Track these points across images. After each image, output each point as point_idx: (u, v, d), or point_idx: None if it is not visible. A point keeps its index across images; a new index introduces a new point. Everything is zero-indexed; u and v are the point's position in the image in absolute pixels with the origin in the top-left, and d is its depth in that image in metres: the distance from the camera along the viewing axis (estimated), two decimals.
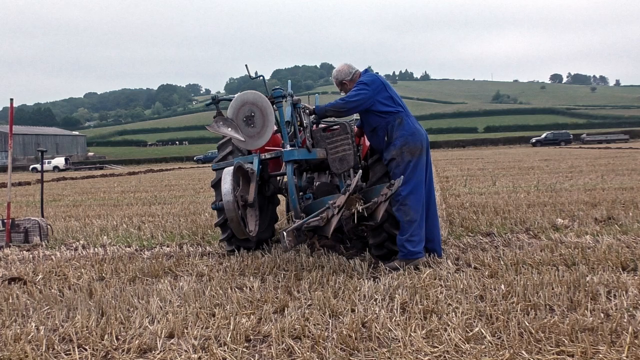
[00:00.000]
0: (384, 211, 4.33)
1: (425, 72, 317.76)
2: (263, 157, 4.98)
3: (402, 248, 4.53)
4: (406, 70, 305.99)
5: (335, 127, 5.00)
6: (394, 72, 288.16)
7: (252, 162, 4.92)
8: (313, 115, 5.14)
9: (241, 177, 4.55)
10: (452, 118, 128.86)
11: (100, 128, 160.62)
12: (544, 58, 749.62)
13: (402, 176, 4.44)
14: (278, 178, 5.67)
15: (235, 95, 4.92)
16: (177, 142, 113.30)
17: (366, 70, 5.05)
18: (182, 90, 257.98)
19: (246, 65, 5.22)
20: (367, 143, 5.18)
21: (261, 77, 5.29)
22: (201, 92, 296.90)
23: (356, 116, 5.36)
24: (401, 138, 4.67)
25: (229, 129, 4.66)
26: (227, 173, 4.25)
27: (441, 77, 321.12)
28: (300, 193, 4.94)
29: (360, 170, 4.63)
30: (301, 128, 5.11)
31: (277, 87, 5.03)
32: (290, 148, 4.79)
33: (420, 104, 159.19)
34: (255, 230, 4.58)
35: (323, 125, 5.42)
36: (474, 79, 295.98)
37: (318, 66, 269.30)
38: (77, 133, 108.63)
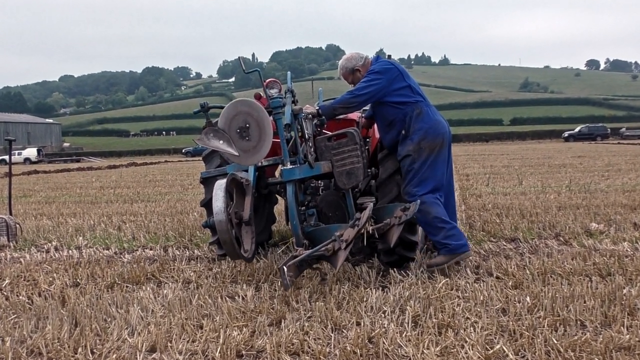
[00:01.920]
0: (397, 235, 4.37)
1: (445, 55, 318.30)
2: (259, 164, 4.94)
3: (446, 245, 4.54)
4: (423, 53, 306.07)
5: (341, 135, 4.90)
6: (409, 56, 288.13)
7: (246, 171, 4.86)
8: (317, 118, 4.96)
9: (235, 190, 4.52)
10: (474, 108, 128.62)
11: (77, 115, 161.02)
12: (579, 42, 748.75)
13: (418, 201, 4.42)
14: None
15: (228, 103, 4.77)
16: (163, 133, 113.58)
17: (378, 57, 5.00)
18: (170, 73, 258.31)
19: (239, 58, 5.19)
20: (377, 135, 5.15)
21: (256, 71, 5.18)
22: (191, 75, 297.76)
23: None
24: (419, 131, 4.64)
25: (221, 142, 4.54)
26: (219, 188, 4.22)
27: (462, 61, 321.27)
28: (302, 208, 4.85)
29: (371, 204, 4.52)
30: (302, 140, 4.90)
31: (276, 96, 4.80)
32: (291, 166, 4.65)
33: (438, 92, 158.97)
34: (252, 250, 4.55)
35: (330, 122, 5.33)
36: (499, 65, 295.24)
37: (323, 48, 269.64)
38: (51, 121, 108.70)
